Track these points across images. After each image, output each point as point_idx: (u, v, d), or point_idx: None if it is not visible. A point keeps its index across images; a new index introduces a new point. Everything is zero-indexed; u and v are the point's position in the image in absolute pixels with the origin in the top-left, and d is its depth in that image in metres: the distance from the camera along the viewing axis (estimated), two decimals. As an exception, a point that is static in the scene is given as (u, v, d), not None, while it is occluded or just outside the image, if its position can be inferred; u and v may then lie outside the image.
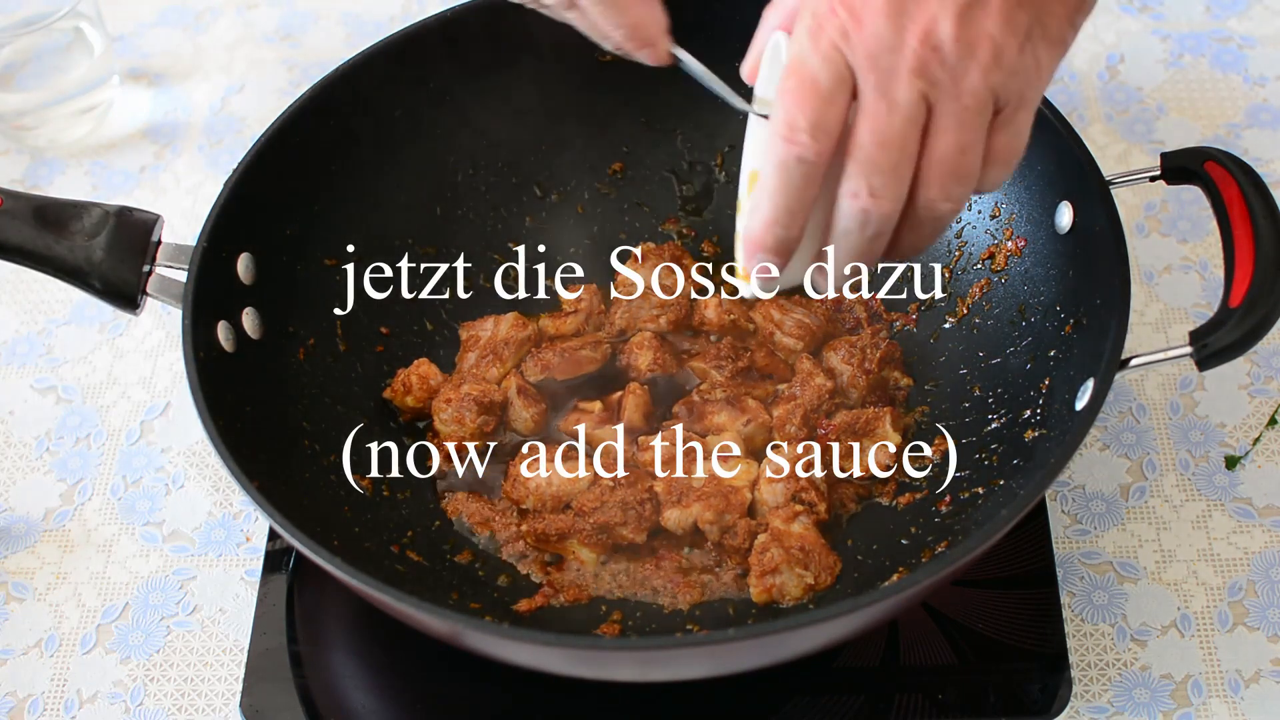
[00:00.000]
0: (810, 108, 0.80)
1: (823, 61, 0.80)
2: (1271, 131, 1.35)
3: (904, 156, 0.81)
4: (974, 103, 0.80)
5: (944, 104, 0.80)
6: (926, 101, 0.80)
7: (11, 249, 1.05)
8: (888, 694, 1.03)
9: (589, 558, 1.08)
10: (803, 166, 0.81)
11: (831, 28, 0.80)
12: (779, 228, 0.84)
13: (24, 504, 1.21)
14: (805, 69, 0.80)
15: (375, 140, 1.19)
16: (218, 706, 1.09)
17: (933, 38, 0.79)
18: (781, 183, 0.82)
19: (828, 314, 1.20)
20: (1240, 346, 0.91)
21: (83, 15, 1.41)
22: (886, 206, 0.82)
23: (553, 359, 1.18)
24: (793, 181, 0.82)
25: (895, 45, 0.79)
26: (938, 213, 0.84)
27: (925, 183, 0.82)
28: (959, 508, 1.04)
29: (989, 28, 0.80)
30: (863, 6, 0.79)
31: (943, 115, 0.80)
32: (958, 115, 0.80)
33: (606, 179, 1.28)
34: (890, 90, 0.80)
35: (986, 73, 0.80)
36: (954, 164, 0.82)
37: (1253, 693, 1.04)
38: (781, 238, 0.84)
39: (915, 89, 0.80)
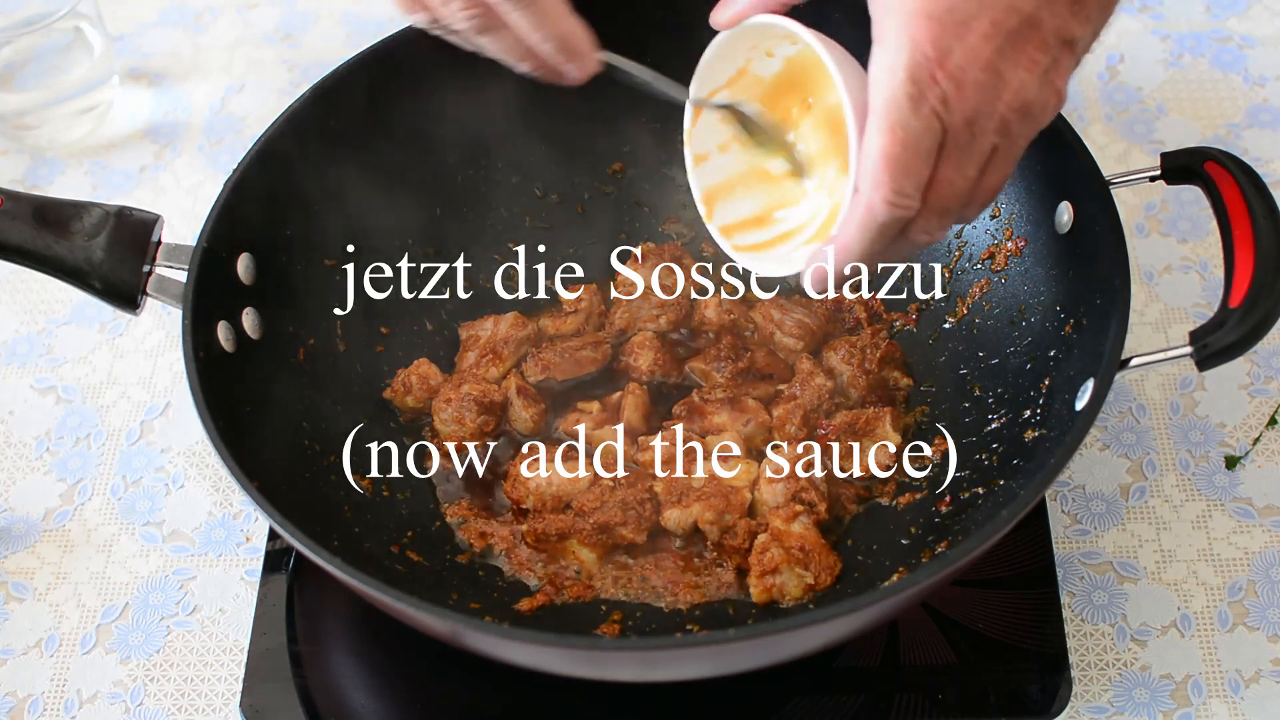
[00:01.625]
0: (915, 171, 0.85)
1: (925, 128, 0.84)
2: (1271, 131, 1.35)
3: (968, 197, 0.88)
4: (1025, 142, 0.88)
5: (1005, 149, 0.87)
6: (994, 150, 0.87)
7: (11, 249, 1.05)
8: (888, 694, 1.03)
9: (589, 558, 1.08)
10: (899, 224, 0.87)
11: (933, 95, 0.83)
12: (860, 262, 0.90)
13: (24, 504, 1.21)
14: (910, 136, 0.84)
15: (375, 140, 1.19)
16: (218, 706, 1.09)
17: (1019, 101, 0.85)
18: (877, 235, 0.88)
19: (828, 314, 1.20)
20: (1240, 346, 0.91)
21: (83, 15, 1.41)
22: (941, 236, 0.90)
23: (553, 359, 1.18)
24: (886, 235, 0.88)
25: (990, 112, 0.84)
26: (966, 221, 0.93)
27: (969, 207, 0.89)
28: (959, 508, 1.04)
29: (1059, 84, 0.87)
30: (963, 75, 0.83)
31: (1002, 157, 0.88)
32: (1012, 155, 0.88)
33: (606, 179, 1.28)
34: (974, 146, 0.86)
35: (1046, 119, 0.87)
36: (996, 191, 0.89)
37: (1253, 693, 1.04)
38: (856, 270, 0.91)
39: (992, 143, 0.86)
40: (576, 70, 1.00)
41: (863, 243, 0.88)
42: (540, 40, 0.97)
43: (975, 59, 0.83)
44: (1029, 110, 0.85)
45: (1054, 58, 0.85)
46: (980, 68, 0.83)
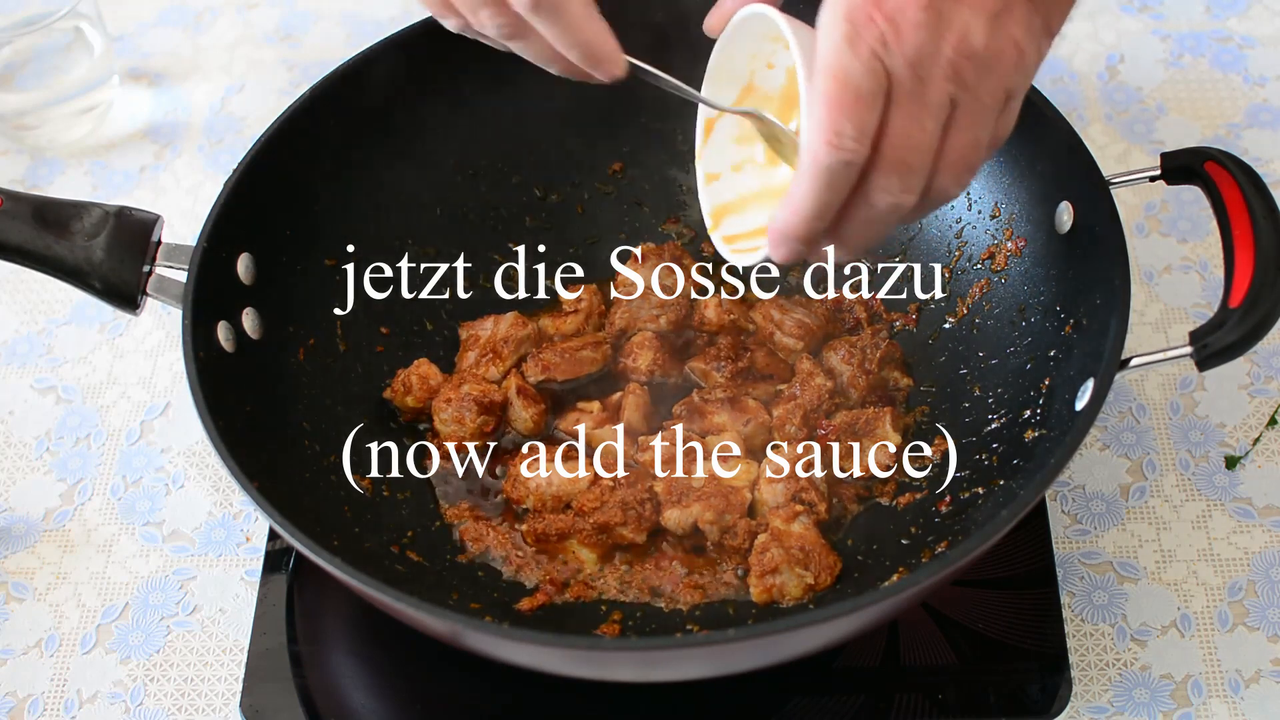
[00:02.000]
0: (855, 114, 0.82)
1: (864, 69, 0.82)
2: (1271, 131, 1.35)
3: (931, 155, 0.85)
4: (993, 101, 0.85)
5: (967, 104, 0.84)
6: (953, 102, 0.84)
7: (11, 249, 1.05)
8: (888, 694, 1.03)
9: (589, 558, 1.08)
10: (847, 170, 0.84)
11: (870, 35, 0.82)
12: (817, 221, 0.87)
13: (24, 504, 1.21)
14: (847, 75, 0.82)
15: (375, 140, 1.19)
16: (218, 706, 1.09)
17: (966, 45, 0.82)
18: (825, 184, 0.85)
19: (828, 314, 1.20)
20: (1240, 346, 0.91)
21: (83, 15, 1.41)
22: (913, 200, 0.87)
23: (553, 359, 1.18)
24: (835, 183, 0.85)
25: (933, 53, 0.82)
26: (947, 197, 0.89)
27: (941, 173, 0.86)
28: (959, 508, 1.04)
29: (1014, 33, 0.84)
30: (900, 14, 0.82)
31: (965, 114, 0.85)
32: (979, 114, 0.85)
33: (606, 179, 1.28)
34: (925, 95, 0.83)
35: (1008, 75, 0.85)
36: (969, 157, 0.86)
37: (1253, 693, 1.04)
38: (815, 229, 0.88)
39: (946, 92, 0.83)
40: (604, 75, 1.00)
41: (812, 193, 0.85)
42: (566, 47, 0.97)
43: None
44: (980, 57, 0.83)
45: (1004, 3, 0.83)
46: (919, 6, 0.81)
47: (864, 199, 0.86)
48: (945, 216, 1.18)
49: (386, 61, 1.18)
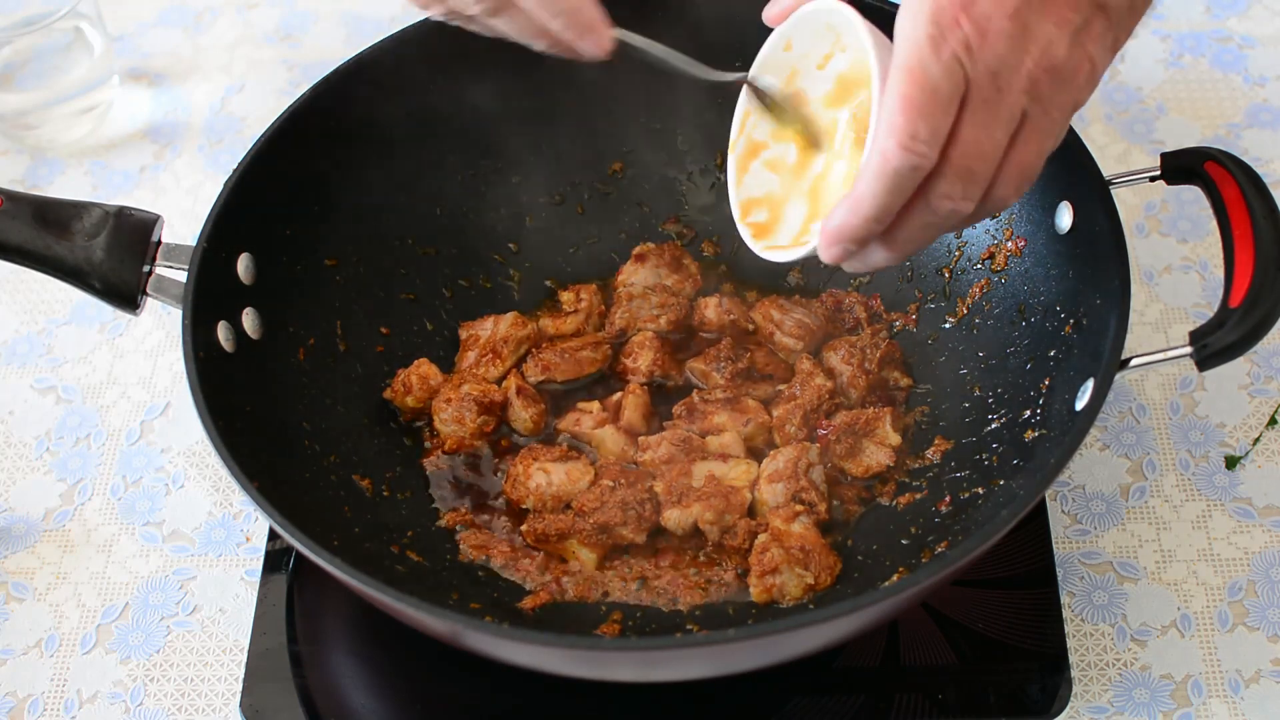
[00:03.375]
0: (930, 117, 0.81)
1: (945, 72, 0.81)
2: (1271, 131, 1.35)
3: (995, 165, 0.85)
4: (1061, 116, 0.85)
5: (1038, 118, 0.84)
6: (1024, 115, 0.84)
7: (11, 249, 1.05)
8: (888, 694, 1.03)
9: (589, 558, 1.08)
10: (914, 174, 0.83)
11: (955, 39, 0.81)
12: (875, 224, 0.86)
13: (24, 504, 1.21)
14: (927, 77, 0.81)
15: (375, 140, 1.19)
16: (218, 706, 1.09)
17: (1047, 59, 0.82)
18: (891, 185, 0.84)
19: (828, 314, 1.20)
20: (1240, 346, 0.91)
21: (83, 15, 1.41)
22: (971, 208, 0.86)
23: (553, 359, 1.18)
24: (901, 185, 0.84)
25: (1015, 64, 0.82)
26: (1003, 206, 0.88)
27: (1001, 182, 0.85)
28: (959, 508, 1.04)
29: (1091, 50, 0.84)
30: (987, 22, 0.81)
31: (1034, 127, 0.84)
32: (1047, 128, 0.85)
33: (606, 179, 1.28)
34: (999, 105, 0.82)
35: (1079, 90, 0.85)
36: (1030, 167, 0.86)
37: (1253, 693, 1.04)
38: (874, 232, 0.87)
39: (1020, 105, 0.83)
40: (591, 46, 0.99)
41: (876, 194, 0.84)
42: (550, 17, 0.96)
43: (1001, 6, 0.81)
44: (1059, 72, 0.82)
45: (1085, 18, 0.83)
46: (1006, 15, 0.80)
47: (924, 204, 0.85)
48: (945, 216, 1.18)
49: (386, 61, 1.18)
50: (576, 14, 0.97)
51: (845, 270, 0.93)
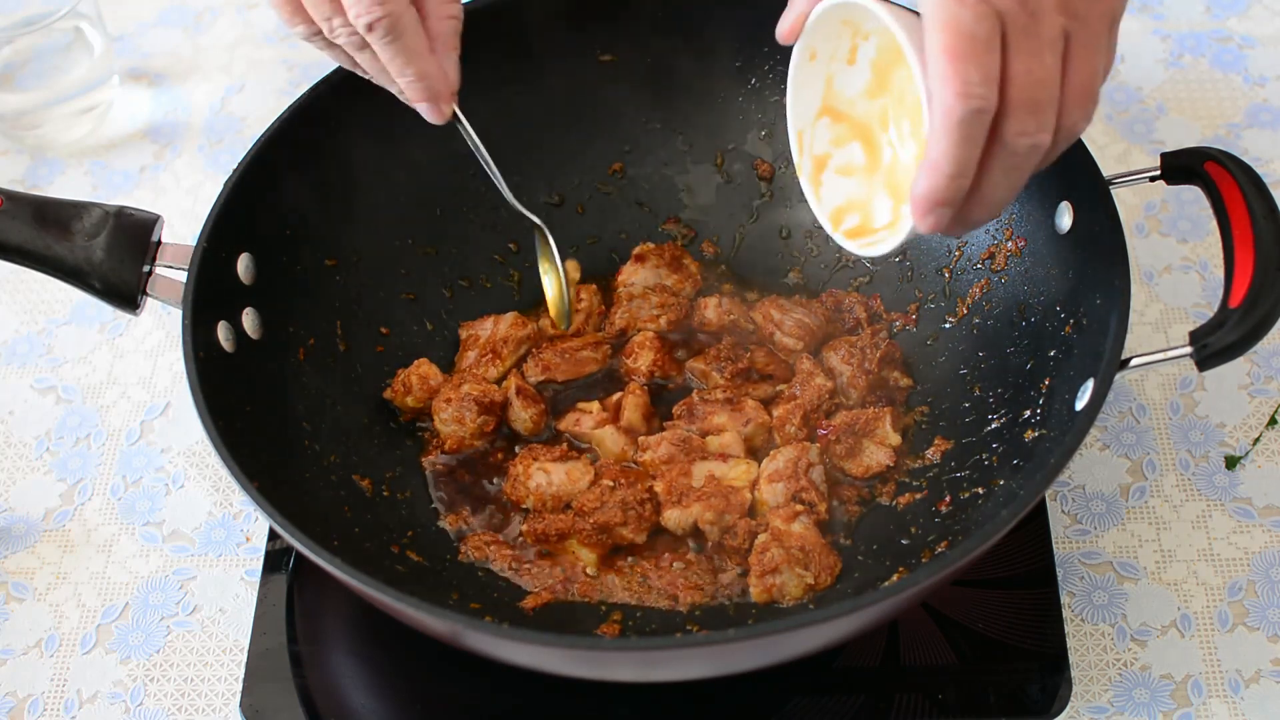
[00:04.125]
0: (977, 60, 0.82)
1: (975, 16, 0.82)
2: (1271, 131, 1.35)
3: (1056, 90, 0.85)
4: (1102, 27, 0.86)
5: (1079, 34, 0.84)
6: (1066, 34, 0.84)
7: (11, 249, 1.05)
8: (888, 694, 1.03)
9: (589, 558, 1.08)
10: (980, 119, 0.83)
11: None
12: (960, 179, 0.86)
13: (24, 504, 1.21)
14: (962, 26, 0.82)
15: (375, 140, 1.19)
16: (218, 706, 1.09)
17: None
18: (962, 136, 0.84)
19: (828, 314, 1.20)
20: (1240, 346, 0.91)
21: (83, 15, 1.41)
22: (1048, 138, 0.86)
23: (553, 359, 1.18)
24: (971, 134, 0.84)
25: None
26: (1077, 131, 0.87)
27: (1068, 107, 0.86)
28: (959, 508, 1.04)
29: None
30: None
31: (1079, 45, 0.85)
32: (1092, 42, 0.85)
33: (606, 179, 1.28)
34: (1039, 30, 0.83)
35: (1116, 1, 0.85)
36: (1090, 85, 0.86)
37: (1253, 693, 1.04)
38: (962, 188, 0.86)
39: (1059, 25, 0.84)
40: (429, 113, 1.03)
41: (950, 149, 0.84)
42: (397, 73, 1.00)
43: None
44: None
45: None
46: None
47: (1002, 147, 0.85)
48: (945, 216, 1.18)
49: (386, 61, 1.17)
50: (425, 79, 1.01)
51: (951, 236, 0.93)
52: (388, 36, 0.96)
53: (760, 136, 1.26)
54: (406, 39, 0.97)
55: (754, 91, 1.25)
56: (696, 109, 1.26)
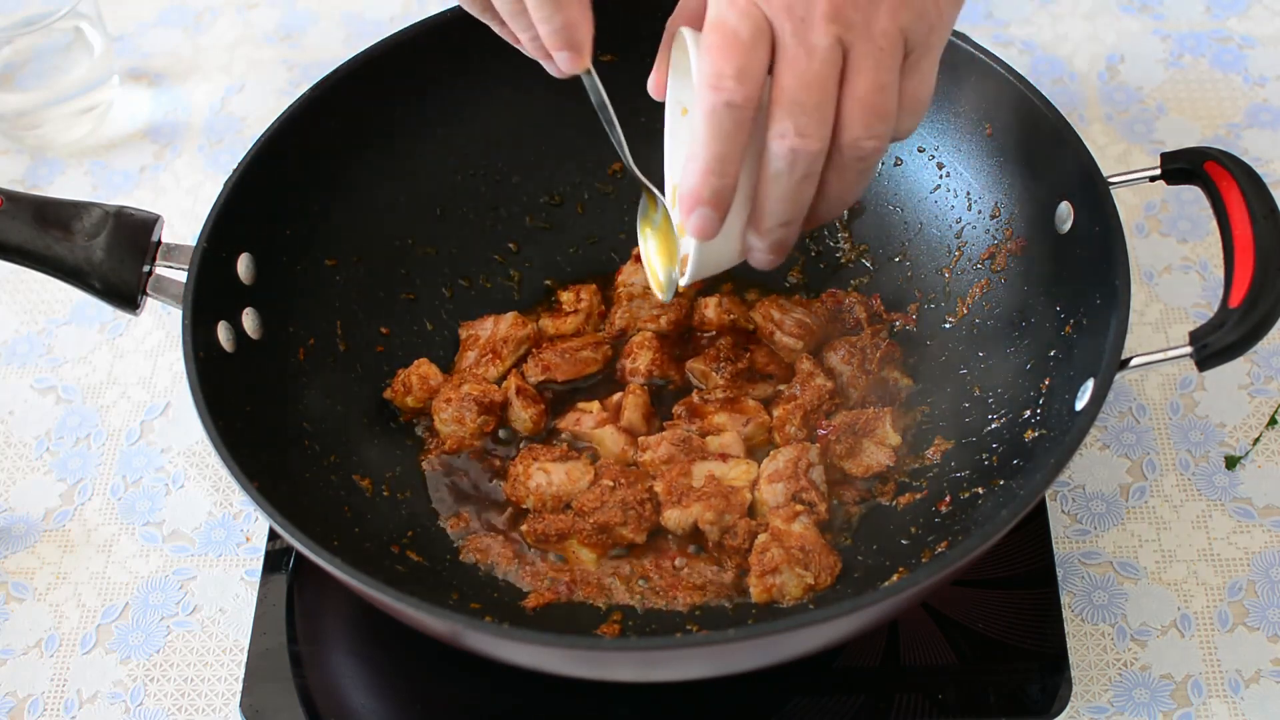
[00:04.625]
0: (733, 56, 0.83)
1: (741, 16, 0.83)
2: (1271, 131, 1.35)
3: (826, 97, 0.84)
4: (887, 43, 0.85)
5: (858, 46, 0.84)
6: (842, 45, 0.84)
7: (11, 249, 1.05)
8: (888, 694, 1.03)
9: (589, 558, 1.08)
10: (731, 111, 0.84)
11: None
12: (714, 176, 0.86)
13: (24, 504, 1.21)
14: (725, 25, 0.83)
15: (375, 140, 1.19)
16: (218, 706, 1.09)
17: None
18: (713, 130, 0.85)
19: (828, 314, 1.20)
20: (1240, 346, 0.91)
21: (83, 15, 1.41)
22: (813, 145, 0.85)
23: (553, 359, 1.18)
24: (723, 128, 0.84)
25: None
26: (862, 152, 0.87)
27: (848, 123, 0.85)
28: (959, 508, 1.04)
29: None
30: None
31: (858, 57, 0.84)
32: (873, 56, 0.84)
33: (606, 179, 1.28)
34: (807, 36, 0.83)
35: (895, 13, 0.84)
36: (873, 101, 0.85)
37: (1253, 693, 1.04)
38: (717, 186, 0.87)
39: (831, 33, 0.83)
40: (567, 62, 1.00)
41: (705, 141, 0.85)
42: (544, 18, 0.96)
43: None
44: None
45: None
46: None
47: (765, 148, 0.85)
48: (945, 217, 1.18)
49: (386, 62, 1.18)
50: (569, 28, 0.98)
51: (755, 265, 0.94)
52: None
53: (760, 136, 1.26)
54: None
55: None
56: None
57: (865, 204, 1.22)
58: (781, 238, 0.92)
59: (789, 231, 0.92)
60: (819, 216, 0.93)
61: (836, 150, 0.87)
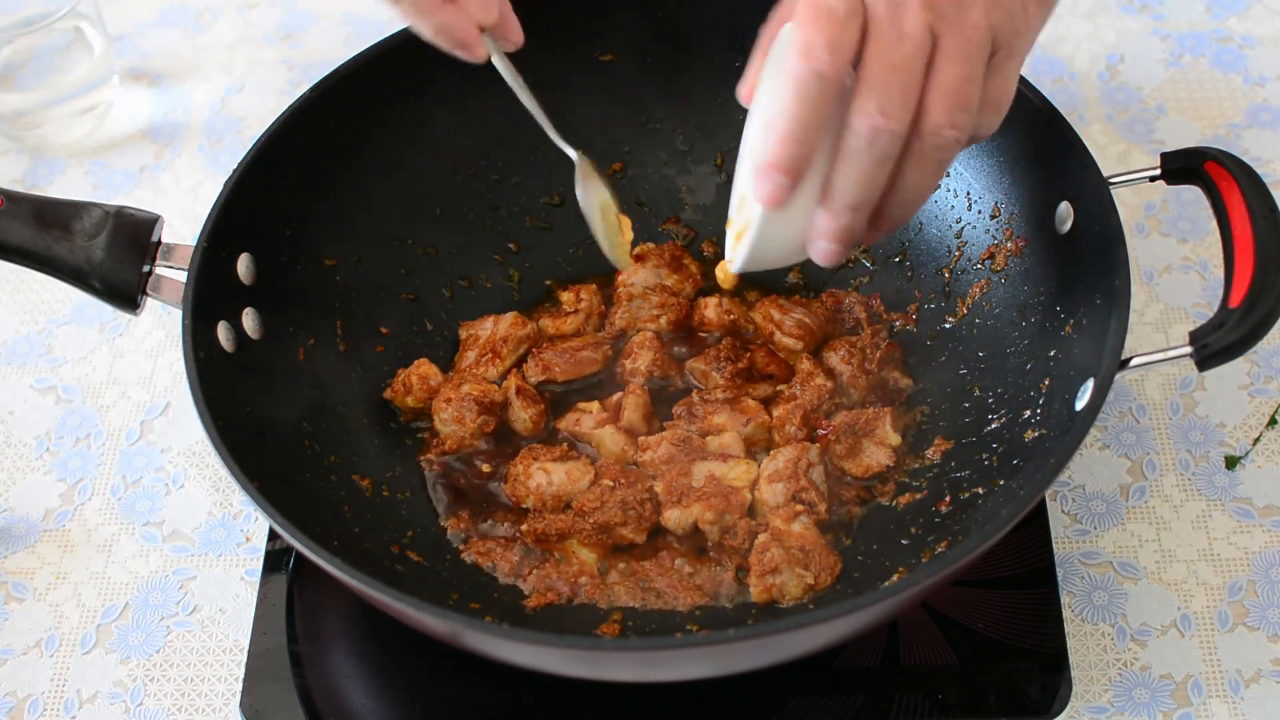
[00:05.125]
0: (827, 28, 0.83)
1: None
2: (1271, 131, 1.35)
3: (912, 81, 0.85)
4: (976, 37, 0.86)
5: (949, 36, 0.85)
6: (933, 33, 0.85)
7: (11, 249, 1.05)
8: (888, 694, 1.03)
9: (589, 558, 1.08)
10: (819, 82, 0.84)
11: None
12: (794, 144, 0.86)
13: (24, 504, 1.21)
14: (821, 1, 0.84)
15: (375, 140, 1.19)
16: (218, 706, 1.09)
17: None
18: (798, 98, 0.85)
19: (828, 314, 1.20)
20: (1240, 346, 0.91)
21: (83, 15, 1.41)
22: (895, 126, 0.85)
23: (553, 359, 1.18)
24: (809, 97, 0.85)
25: None
26: (942, 141, 0.87)
27: (932, 110, 0.86)
28: (959, 508, 1.04)
29: None
30: None
31: (948, 47, 0.85)
32: (962, 48, 0.85)
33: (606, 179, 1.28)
34: (900, 20, 0.84)
35: (987, 10, 0.86)
36: (958, 91, 0.86)
37: (1253, 693, 1.04)
38: (796, 154, 0.86)
39: (923, 20, 0.84)
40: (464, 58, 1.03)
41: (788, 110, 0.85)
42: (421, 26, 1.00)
43: None
44: None
45: None
46: None
47: (846, 125, 0.86)
48: (945, 217, 1.18)
49: (386, 61, 1.17)
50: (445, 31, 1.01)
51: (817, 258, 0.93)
52: None
53: (760, 136, 1.26)
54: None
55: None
56: (696, 109, 1.26)
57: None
58: (849, 224, 0.91)
59: (857, 219, 0.90)
60: (887, 217, 0.92)
61: (916, 138, 0.87)
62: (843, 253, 0.92)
